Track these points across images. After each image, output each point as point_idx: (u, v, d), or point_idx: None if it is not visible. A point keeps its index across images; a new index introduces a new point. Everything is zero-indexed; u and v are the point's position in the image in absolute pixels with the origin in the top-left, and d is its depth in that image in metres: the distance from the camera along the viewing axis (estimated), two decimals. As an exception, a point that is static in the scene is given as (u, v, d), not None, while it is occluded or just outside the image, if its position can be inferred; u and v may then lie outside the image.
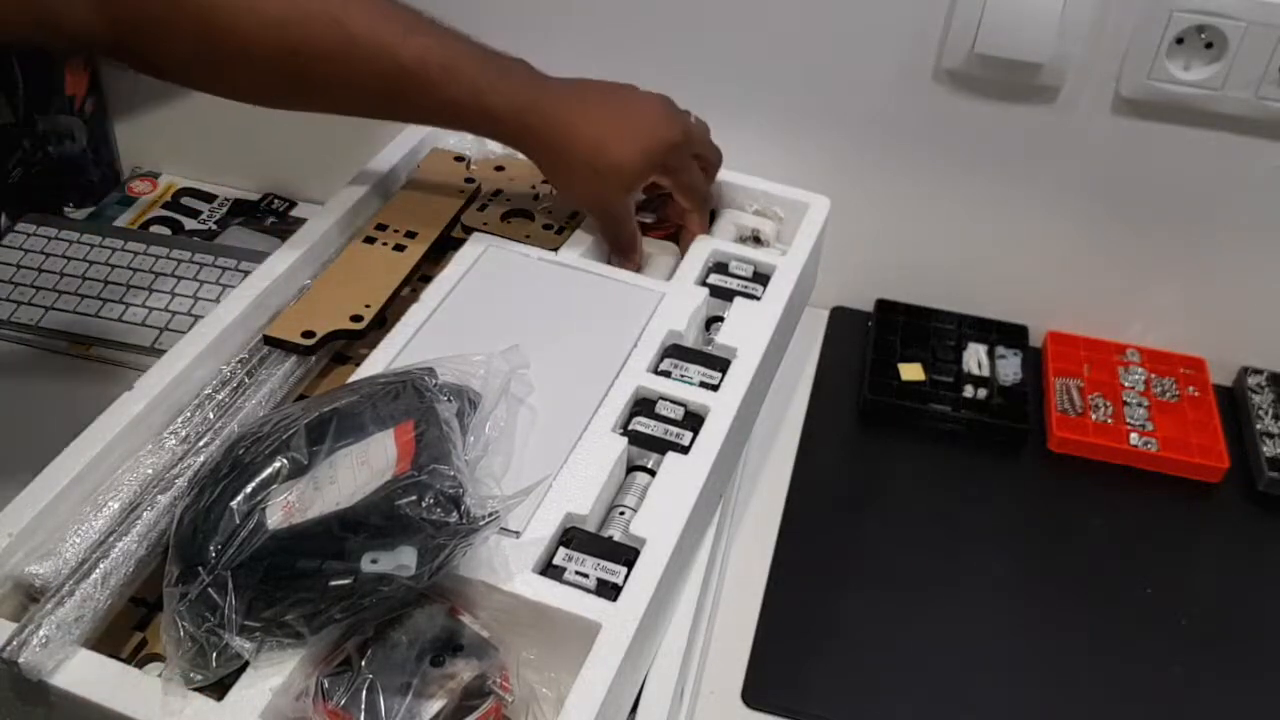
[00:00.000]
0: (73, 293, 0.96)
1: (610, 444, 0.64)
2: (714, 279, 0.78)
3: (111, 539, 0.57)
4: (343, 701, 0.51)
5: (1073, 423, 0.91)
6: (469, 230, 0.80)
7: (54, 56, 1.02)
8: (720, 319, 0.75)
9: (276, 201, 1.11)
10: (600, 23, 0.92)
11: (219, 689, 0.52)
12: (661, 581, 0.58)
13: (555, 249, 0.78)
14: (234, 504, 0.53)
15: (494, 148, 0.91)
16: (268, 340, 0.70)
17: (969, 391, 0.93)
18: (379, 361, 0.68)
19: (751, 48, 0.90)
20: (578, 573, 0.58)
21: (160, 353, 0.71)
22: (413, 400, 0.57)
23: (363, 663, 0.52)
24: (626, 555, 0.59)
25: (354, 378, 0.65)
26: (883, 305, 1.00)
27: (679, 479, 0.63)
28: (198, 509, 0.54)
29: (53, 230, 1.02)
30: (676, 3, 0.90)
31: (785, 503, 0.85)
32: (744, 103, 0.93)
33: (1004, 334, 0.98)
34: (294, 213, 1.10)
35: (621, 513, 0.62)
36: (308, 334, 0.70)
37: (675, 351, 0.71)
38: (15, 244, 1.01)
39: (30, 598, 0.56)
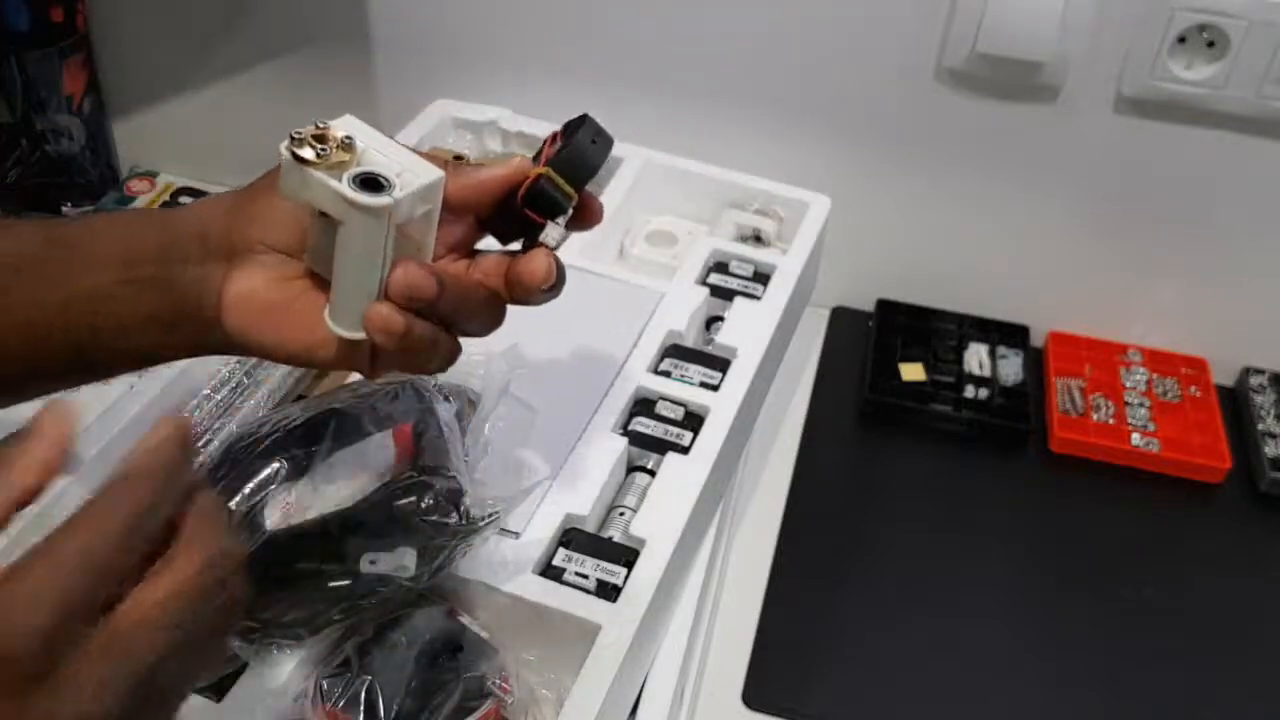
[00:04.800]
0: (71, 292, 0.95)
1: (610, 444, 0.64)
2: (714, 278, 0.78)
3: (109, 539, 0.56)
4: (341, 703, 0.50)
5: (1074, 423, 0.91)
6: (469, 230, 0.80)
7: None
8: (720, 319, 0.75)
9: (276, 201, 1.11)
10: (601, 23, 0.92)
11: (217, 690, 0.52)
12: (661, 582, 0.58)
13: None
14: (232, 504, 0.53)
15: (494, 147, 0.91)
16: (267, 340, 0.70)
17: (970, 392, 0.93)
18: (378, 361, 0.67)
19: (752, 46, 0.90)
20: (578, 573, 0.57)
21: (159, 352, 0.70)
22: (412, 401, 0.57)
23: (362, 664, 0.52)
24: (626, 556, 0.58)
25: (353, 378, 0.65)
26: (884, 305, 1.00)
27: (679, 479, 0.63)
28: (196, 509, 0.54)
29: (51, 230, 1.02)
30: (677, 2, 0.89)
31: (785, 503, 0.84)
32: (745, 101, 0.93)
33: (1005, 334, 0.98)
34: (293, 212, 1.10)
35: (621, 513, 0.62)
36: (307, 334, 0.69)
37: (675, 351, 0.71)
38: (14, 243, 1.00)
39: (28, 599, 0.56)
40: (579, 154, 0.47)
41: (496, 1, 0.93)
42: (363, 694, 0.50)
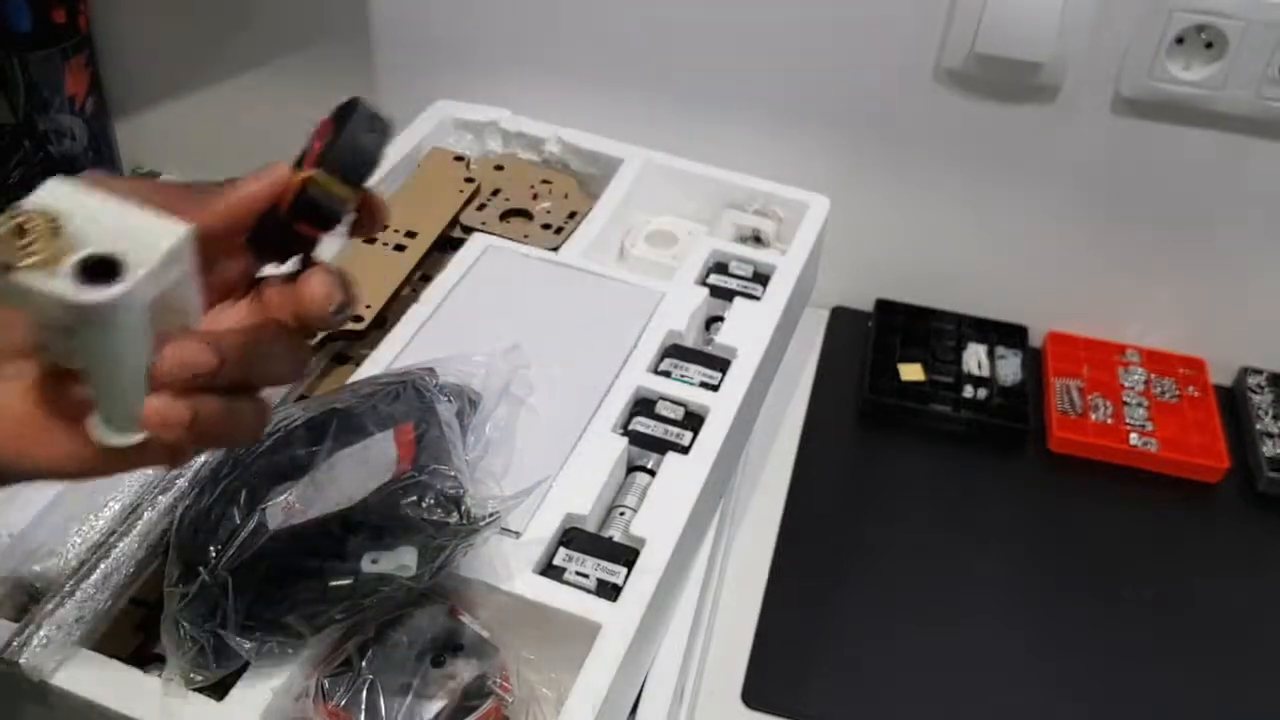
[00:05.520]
0: (73, 292, 0.95)
1: (610, 444, 0.64)
2: (714, 279, 0.78)
3: (112, 539, 0.56)
4: (343, 702, 0.51)
5: (1073, 423, 0.91)
6: (468, 230, 0.80)
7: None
8: (720, 319, 0.75)
9: (276, 201, 1.11)
10: (601, 23, 0.92)
11: (219, 689, 0.52)
12: (661, 582, 0.58)
13: (555, 249, 0.78)
14: (234, 504, 0.53)
15: (494, 147, 0.92)
16: (268, 340, 0.70)
17: (969, 392, 0.93)
18: (380, 362, 0.68)
19: (752, 47, 0.90)
20: (578, 573, 0.58)
21: (160, 353, 0.70)
22: (413, 401, 0.57)
23: (363, 663, 0.52)
24: (627, 555, 0.59)
25: (354, 378, 0.65)
26: (883, 305, 1.00)
27: (679, 479, 0.63)
28: (198, 509, 0.54)
29: (53, 230, 1.02)
30: (677, 2, 0.90)
31: (785, 503, 0.85)
32: (744, 101, 0.93)
33: (1004, 334, 0.98)
34: (294, 212, 1.10)
35: (622, 513, 0.62)
36: (308, 334, 0.70)
37: (675, 351, 0.71)
38: (15, 244, 1.00)
39: (31, 598, 0.56)
40: (352, 147, 0.39)
41: (497, 1, 0.93)
42: (364, 693, 0.51)
